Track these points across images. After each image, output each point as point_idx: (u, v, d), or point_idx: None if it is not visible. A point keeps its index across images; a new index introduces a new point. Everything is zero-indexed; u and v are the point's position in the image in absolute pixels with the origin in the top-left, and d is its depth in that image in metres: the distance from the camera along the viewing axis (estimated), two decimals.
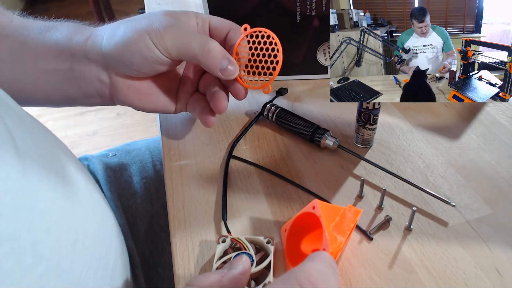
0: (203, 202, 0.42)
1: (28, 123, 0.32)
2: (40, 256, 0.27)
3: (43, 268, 0.27)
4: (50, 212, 0.28)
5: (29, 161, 0.28)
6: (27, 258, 0.26)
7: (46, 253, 0.27)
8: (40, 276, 0.26)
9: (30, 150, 0.29)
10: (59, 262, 0.28)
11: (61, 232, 0.29)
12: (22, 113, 0.32)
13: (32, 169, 0.28)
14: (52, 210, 0.29)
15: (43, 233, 0.27)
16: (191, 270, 0.36)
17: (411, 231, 0.38)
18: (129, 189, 0.56)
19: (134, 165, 0.59)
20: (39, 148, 0.30)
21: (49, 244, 0.28)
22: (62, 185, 0.31)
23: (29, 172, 0.27)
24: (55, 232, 0.28)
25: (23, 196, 0.26)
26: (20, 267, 0.25)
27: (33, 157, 0.29)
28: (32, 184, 0.27)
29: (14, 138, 0.27)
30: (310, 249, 0.36)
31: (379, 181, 0.43)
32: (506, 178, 0.43)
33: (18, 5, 2.77)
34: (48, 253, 0.27)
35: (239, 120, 0.53)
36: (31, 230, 0.26)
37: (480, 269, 0.35)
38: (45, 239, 0.27)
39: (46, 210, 0.28)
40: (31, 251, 0.26)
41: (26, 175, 0.27)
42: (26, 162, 0.27)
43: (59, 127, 1.84)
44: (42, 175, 0.29)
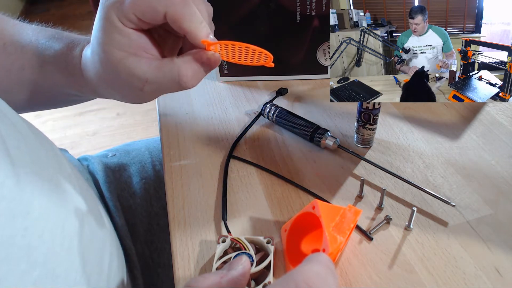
0: (203, 202, 0.42)
1: (23, 130, 0.32)
2: (35, 262, 0.27)
3: (38, 273, 0.27)
4: (44, 218, 0.28)
5: (23, 168, 0.28)
6: (21, 264, 0.26)
7: (40, 258, 0.27)
8: (35, 282, 0.26)
9: (24, 158, 0.29)
10: (53, 268, 0.28)
11: (55, 238, 0.29)
12: (17, 119, 0.32)
13: (26, 176, 0.28)
14: (47, 216, 0.29)
15: (37, 239, 0.27)
16: (191, 271, 0.36)
17: (411, 231, 0.38)
18: (129, 189, 0.56)
19: (134, 166, 0.59)
20: (33, 155, 0.31)
21: (43, 250, 0.28)
22: (56, 192, 0.31)
23: (23, 179, 0.27)
24: (50, 238, 0.28)
25: (18, 202, 0.26)
26: (14, 273, 0.25)
27: (27, 165, 0.29)
28: (26, 191, 0.27)
29: (7, 145, 0.27)
30: (310, 249, 0.36)
31: (379, 181, 0.43)
32: (506, 178, 0.43)
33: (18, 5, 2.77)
34: (42, 258, 0.27)
35: (239, 120, 0.53)
36: (25, 236, 0.26)
37: (480, 269, 0.35)
38: (40, 245, 0.27)
39: (41, 217, 0.28)
40: (26, 257, 0.26)
41: (20, 183, 0.27)
42: (20, 170, 0.27)
43: (59, 127, 1.84)
44: (36, 182, 0.29)
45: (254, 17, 0.54)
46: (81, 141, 1.76)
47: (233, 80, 0.61)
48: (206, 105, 0.56)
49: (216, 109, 0.55)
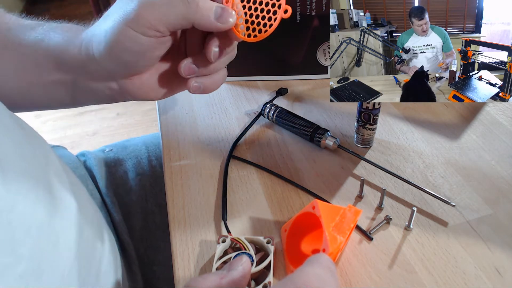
0: (203, 202, 0.42)
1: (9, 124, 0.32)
2: (20, 256, 0.27)
3: (23, 268, 0.27)
4: (30, 214, 0.28)
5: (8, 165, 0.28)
6: (5, 258, 0.25)
7: (26, 253, 0.27)
8: (20, 276, 0.26)
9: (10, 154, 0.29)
10: (39, 263, 0.28)
11: (42, 233, 0.29)
12: (3, 114, 0.32)
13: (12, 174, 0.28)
14: (33, 212, 0.29)
15: (23, 234, 0.27)
16: (191, 271, 0.36)
17: (411, 231, 0.38)
18: (125, 185, 0.56)
19: (130, 160, 0.58)
20: (19, 152, 0.30)
21: (29, 245, 0.27)
22: (43, 188, 0.31)
23: (9, 176, 0.27)
24: (36, 233, 0.28)
25: (1, 199, 0.26)
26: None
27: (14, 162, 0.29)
28: (11, 188, 0.27)
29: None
30: (310, 249, 0.36)
31: (379, 181, 0.43)
32: (506, 178, 0.43)
33: (18, 5, 2.77)
34: (28, 253, 0.27)
35: (239, 120, 0.53)
36: (9, 230, 0.26)
37: (480, 269, 0.35)
38: (25, 239, 0.27)
39: (26, 212, 0.28)
40: (10, 251, 0.26)
41: (5, 178, 0.27)
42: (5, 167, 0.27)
43: (59, 127, 1.84)
44: (21, 178, 0.29)
45: None
46: (81, 141, 1.76)
47: (233, 80, 0.61)
48: (206, 105, 0.56)
49: (216, 109, 0.55)
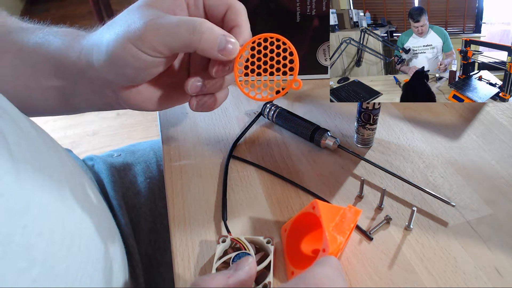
0: (203, 202, 0.42)
1: (24, 126, 0.31)
2: (34, 260, 0.26)
3: (37, 272, 0.27)
4: (44, 216, 0.28)
5: (23, 164, 0.28)
6: (20, 262, 0.25)
7: (39, 257, 0.27)
8: (34, 280, 0.26)
9: (25, 154, 0.29)
10: (53, 266, 0.28)
11: (55, 236, 0.29)
12: (18, 116, 0.32)
13: (26, 173, 0.28)
14: (46, 214, 0.29)
15: (36, 237, 0.27)
16: (191, 270, 0.36)
17: (411, 231, 0.38)
18: (133, 188, 0.56)
19: (139, 165, 0.59)
20: (34, 152, 0.30)
21: (42, 248, 0.27)
22: (56, 189, 0.31)
23: (23, 176, 0.27)
24: (49, 236, 0.28)
25: (17, 200, 0.26)
26: (13, 271, 0.25)
27: (28, 161, 0.29)
28: (26, 187, 0.27)
29: (8, 141, 0.27)
30: (310, 249, 0.36)
31: (379, 181, 0.43)
32: (506, 178, 0.43)
33: (18, 5, 2.77)
34: (41, 257, 0.27)
35: (239, 120, 0.53)
36: (24, 234, 0.26)
37: (480, 269, 0.35)
38: (39, 243, 0.27)
39: (40, 214, 0.28)
40: (25, 255, 0.26)
41: (20, 179, 0.27)
42: (20, 166, 0.27)
43: (59, 127, 1.84)
44: (36, 179, 0.28)
45: (254, 17, 0.54)
46: (81, 141, 1.76)
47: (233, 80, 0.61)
48: None
49: (216, 109, 0.55)
